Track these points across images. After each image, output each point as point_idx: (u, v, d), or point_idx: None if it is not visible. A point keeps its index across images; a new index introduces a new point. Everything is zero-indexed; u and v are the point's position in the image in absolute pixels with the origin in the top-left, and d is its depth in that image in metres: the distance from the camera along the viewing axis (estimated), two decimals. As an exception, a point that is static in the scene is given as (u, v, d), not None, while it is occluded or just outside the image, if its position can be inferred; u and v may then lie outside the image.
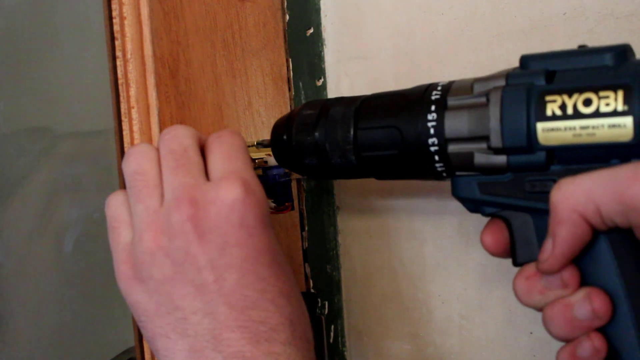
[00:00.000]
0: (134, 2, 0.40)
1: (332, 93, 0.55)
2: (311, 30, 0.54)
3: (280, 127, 0.41)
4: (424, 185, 0.49)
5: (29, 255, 0.72)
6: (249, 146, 0.43)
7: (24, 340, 0.73)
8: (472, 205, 0.35)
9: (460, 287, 0.48)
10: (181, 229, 0.33)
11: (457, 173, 0.35)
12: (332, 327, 0.55)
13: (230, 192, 0.34)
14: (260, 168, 0.46)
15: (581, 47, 0.32)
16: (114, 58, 0.41)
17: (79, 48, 0.72)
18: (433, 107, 0.34)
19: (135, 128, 0.40)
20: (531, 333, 0.45)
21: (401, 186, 0.51)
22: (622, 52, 0.30)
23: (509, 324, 0.46)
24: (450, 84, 0.35)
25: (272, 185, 0.47)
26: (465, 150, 0.33)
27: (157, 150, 0.37)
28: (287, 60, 0.53)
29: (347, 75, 0.53)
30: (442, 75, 0.48)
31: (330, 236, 0.55)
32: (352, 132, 0.37)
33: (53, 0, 0.73)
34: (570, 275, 0.31)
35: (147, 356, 0.41)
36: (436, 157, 0.35)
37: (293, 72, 0.53)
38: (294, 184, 0.51)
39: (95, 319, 0.73)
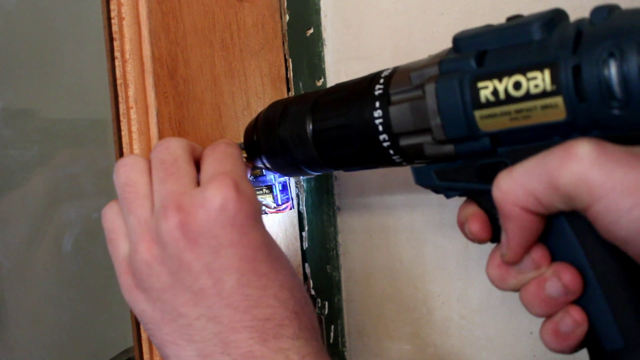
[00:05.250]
0: (133, 3, 0.40)
1: (331, 93, 0.55)
2: (311, 31, 0.54)
3: (250, 130, 0.42)
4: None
5: (28, 255, 0.72)
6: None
7: (23, 340, 0.73)
8: (435, 191, 0.36)
9: (460, 287, 0.48)
10: (171, 237, 0.33)
11: (415, 162, 0.35)
12: (332, 327, 0.55)
13: (218, 192, 0.33)
14: (259, 168, 0.46)
15: (511, 19, 0.31)
16: (112, 58, 0.41)
17: (77, 48, 0.72)
18: (377, 104, 0.34)
19: (134, 128, 0.40)
20: (531, 333, 0.45)
21: (401, 186, 0.51)
22: (549, 21, 0.29)
23: (509, 324, 0.46)
24: (392, 73, 0.35)
25: (271, 185, 0.47)
26: (415, 143, 0.34)
27: (148, 161, 0.37)
28: (286, 61, 0.53)
29: (347, 76, 0.53)
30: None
31: (330, 236, 0.55)
32: (309, 129, 0.38)
33: (52, 0, 0.73)
34: (540, 255, 0.31)
35: (146, 356, 0.41)
36: (391, 151, 0.35)
37: (293, 72, 0.53)
38: (293, 184, 0.51)
39: (95, 319, 0.73)
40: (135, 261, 0.34)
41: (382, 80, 0.35)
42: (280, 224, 0.52)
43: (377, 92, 0.35)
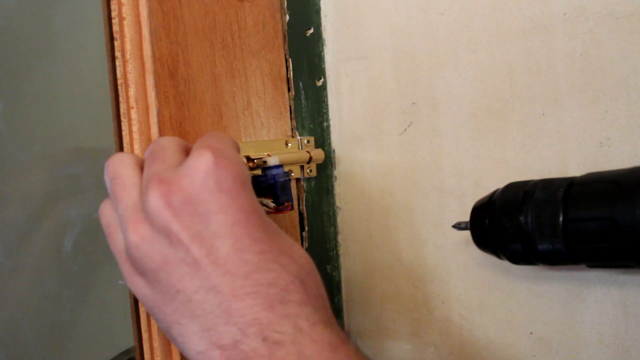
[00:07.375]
0: (133, 3, 0.40)
1: (332, 93, 0.55)
2: (311, 30, 0.54)
3: (481, 211, 0.40)
4: (423, 184, 0.49)
5: (28, 254, 0.72)
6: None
7: (23, 340, 0.73)
8: None
9: (460, 288, 0.48)
10: (156, 210, 0.32)
11: None
12: (332, 327, 0.55)
13: (201, 159, 0.32)
14: (260, 168, 0.46)
15: None
16: (113, 58, 0.41)
17: (78, 48, 0.72)
18: None
19: (135, 128, 0.40)
20: (531, 333, 0.45)
21: (401, 186, 0.51)
22: None
23: (509, 324, 0.46)
24: None
25: (271, 185, 0.47)
26: None
27: (136, 156, 0.37)
28: (286, 61, 0.53)
29: (347, 75, 0.53)
30: (442, 75, 0.48)
31: (331, 236, 0.55)
32: (560, 220, 0.35)
33: (52, 0, 0.73)
34: None
35: (146, 356, 0.41)
36: None
37: (293, 72, 0.53)
38: (293, 184, 0.51)
39: (95, 319, 0.73)
40: (128, 246, 0.34)
41: None
42: (281, 224, 0.52)
43: None
